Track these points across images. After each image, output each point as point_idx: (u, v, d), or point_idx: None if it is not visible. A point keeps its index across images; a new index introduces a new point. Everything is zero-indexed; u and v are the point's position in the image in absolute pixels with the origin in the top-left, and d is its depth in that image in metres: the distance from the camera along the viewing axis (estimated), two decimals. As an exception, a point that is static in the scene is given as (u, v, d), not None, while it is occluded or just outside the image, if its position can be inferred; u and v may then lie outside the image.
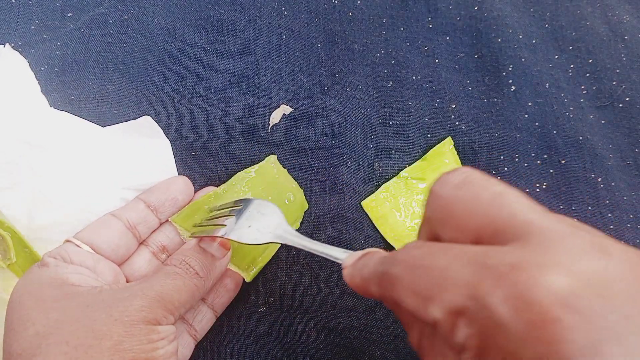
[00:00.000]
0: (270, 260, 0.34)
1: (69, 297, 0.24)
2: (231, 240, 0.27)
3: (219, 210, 0.31)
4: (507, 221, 0.16)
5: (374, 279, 0.20)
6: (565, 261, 0.14)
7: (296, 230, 0.34)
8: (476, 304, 0.15)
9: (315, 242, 0.26)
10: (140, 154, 0.34)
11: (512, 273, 0.14)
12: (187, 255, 0.27)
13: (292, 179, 0.35)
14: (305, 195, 0.35)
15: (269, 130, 0.36)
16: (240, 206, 0.29)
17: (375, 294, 0.20)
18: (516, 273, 0.14)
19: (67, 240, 0.29)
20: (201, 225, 0.30)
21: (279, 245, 0.34)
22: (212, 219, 0.30)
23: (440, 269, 0.16)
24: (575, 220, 0.16)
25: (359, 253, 0.23)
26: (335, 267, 0.34)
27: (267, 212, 0.29)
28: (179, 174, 0.35)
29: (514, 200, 0.17)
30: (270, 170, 0.35)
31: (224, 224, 0.28)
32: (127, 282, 0.29)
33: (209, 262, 0.28)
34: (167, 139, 0.35)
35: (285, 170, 0.35)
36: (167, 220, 0.32)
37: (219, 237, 0.28)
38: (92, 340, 0.22)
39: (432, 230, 0.19)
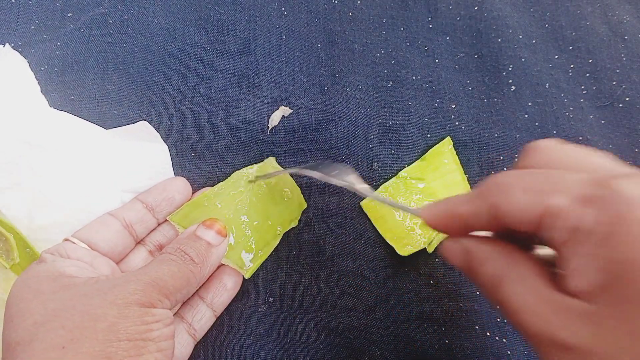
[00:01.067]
0: (270, 260, 0.34)
1: (66, 288, 0.24)
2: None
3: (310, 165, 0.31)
4: (608, 165, 0.20)
5: (469, 198, 0.21)
6: None
7: (293, 228, 0.34)
8: (608, 191, 0.17)
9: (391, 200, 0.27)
10: (139, 157, 0.34)
11: (632, 174, 0.17)
12: (182, 243, 0.28)
13: (291, 178, 0.35)
14: (304, 195, 0.35)
15: (268, 132, 0.36)
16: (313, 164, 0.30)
17: (465, 212, 0.21)
18: (636, 174, 0.17)
19: (65, 239, 0.29)
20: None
21: (278, 241, 0.34)
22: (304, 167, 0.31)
23: (560, 174, 0.18)
24: None
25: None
26: (335, 267, 0.34)
27: (345, 170, 0.30)
28: (178, 176, 0.35)
29: (609, 156, 0.20)
30: (269, 169, 0.35)
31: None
32: None
33: (205, 249, 0.28)
34: (165, 144, 0.35)
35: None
36: (165, 221, 0.32)
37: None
38: (87, 322, 0.22)
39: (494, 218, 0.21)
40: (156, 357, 0.23)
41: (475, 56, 0.40)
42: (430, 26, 0.40)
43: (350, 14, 0.40)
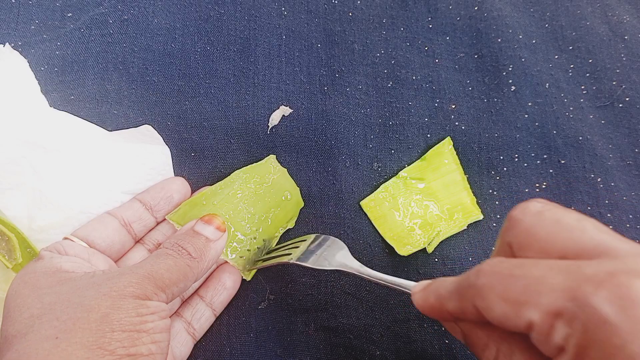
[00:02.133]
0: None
1: (63, 282, 0.25)
2: (299, 264, 0.29)
3: (285, 243, 0.33)
4: (590, 241, 0.18)
5: (453, 295, 0.21)
6: None
7: (292, 227, 0.34)
8: (578, 305, 0.16)
9: (378, 273, 0.28)
10: (140, 159, 0.34)
11: (612, 278, 0.16)
12: (180, 238, 0.27)
13: (290, 178, 0.35)
14: (303, 195, 0.35)
15: (268, 132, 0.36)
16: (305, 240, 0.32)
17: (452, 309, 0.21)
18: (616, 277, 0.16)
19: (65, 238, 0.29)
20: (265, 258, 0.32)
21: (275, 243, 0.34)
22: (277, 249, 0.32)
23: (535, 277, 0.17)
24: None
25: (427, 281, 0.24)
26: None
27: (332, 245, 0.31)
28: (177, 176, 0.35)
29: (593, 225, 0.19)
30: (269, 169, 0.35)
31: (289, 253, 0.30)
32: None
33: (203, 244, 0.28)
34: (167, 146, 0.35)
35: (285, 169, 0.35)
36: (164, 220, 0.33)
37: (286, 262, 0.30)
38: (81, 313, 0.22)
39: (512, 253, 0.20)
40: (150, 348, 0.23)
41: (475, 56, 0.40)
42: (430, 26, 0.40)
43: (350, 14, 0.40)
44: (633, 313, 0.15)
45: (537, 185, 0.37)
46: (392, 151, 0.37)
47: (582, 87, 0.40)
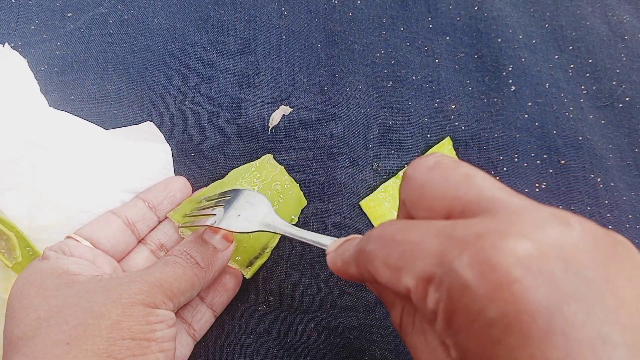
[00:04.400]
0: (270, 259, 0.34)
1: (70, 285, 0.24)
2: (221, 229, 0.28)
3: (208, 200, 0.31)
4: (475, 198, 0.17)
5: (353, 260, 0.21)
6: (528, 229, 0.15)
7: (295, 224, 0.34)
8: (443, 270, 0.15)
9: (302, 230, 0.27)
10: (141, 157, 0.34)
11: (477, 240, 0.15)
12: (189, 247, 0.28)
13: (289, 175, 0.35)
14: (303, 195, 0.35)
15: (269, 132, 0.36)
16: (229, 196, 0.30)
17: (354, 274, 0.21)
18: (481, 240, 0.15)
19: (68, 237, 0.29)
20: (191, 215, 0.31)
21: (277, 240, 0.34)
22: (202, 209, 0.30)
23: (412, 241, 0.17)
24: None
25: (342, 239, 0.24)
26: (334, 267, 0.34)
27: (255, 202, 0.29)
28: (178, 175, 0.35)
29: (482, 180, 0.18)
30: (267, 167, 0.35)
31: (214, 213, 0.29)
32: None
33: (211, 254, 0.28)
34: (168, 144, 0.35)
35: (283, 167, 0.35)
36: (166, 218, 0.33)
37: (208, 226, 0.28)
38: (91, 319, 0.22)
39: (407, 212, 0.20)
40: (158, 357, 0.23)
41: (475, 56, 0.40)
42: (430, 26, 0.40)
43: (350, 14, 0.40)
44: (491, 278, 0.14)
45: (537, 185, 0.37)
46: (392, 151, 0.37)
47: (582, 87, 0.40)
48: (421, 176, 0.19)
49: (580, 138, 0.38)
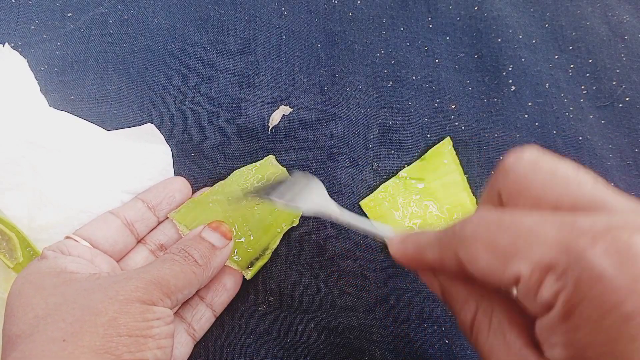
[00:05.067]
0: (271, 259, 0.34)
1: (68, 283, 0.25)
2: (278, 203, 0.28)
3: (265, 182, 0.32)
4: (588, 195, 0.17)
5: (434, 244, 0.20)
6: None
7: (293, 227, 0.34)
8: (572, 258, 0.15)
9: (359, 217, 0.27)
10: (141, 158, 0.34)
11: (611, 232, 0.14)
12: (187, 245, 0.28)
13: (289, 175, 0.35)
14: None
15: (269, 132, 0.36)
16: (284, 180, 0.30)
17: (432, 259, 0.20)
18: (615, 232, 0.14)
19: (67, 237, 0.29)
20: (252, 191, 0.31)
21: (278, 242, 0.34)
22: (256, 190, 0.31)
23: (526, 227, 0.16)
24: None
25: (407, 232, 0.23)
26: (335, 267, 0.34)
27: (312, 185, 0.30)
28: (177, 176, 0.35)
29: (592, 179, 0.18)
30: (269, 167, 0.35)
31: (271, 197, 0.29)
32: None
33: (209, 251, 0.28)
34: (168, 146, 0.35)
35: (284, 168, 0.35)
36: (166, 219, 0.33)
37: (279, 201, 0.28)
38: (88, 316, 0.22)
39: (501, 203, 0.19)
40: (156, 354, 0.23)
41: (475, 56, 0.40)
42: (430, 26, 0.40)
43: (350, 14, 0.40)
44: (632, 269, 0.14)
45: (537, 185, 0.37)
46: (392, 151, 0.37)
47: (582, 87, 0.40)
48: (525, 168, 0.19)
49: (580, 138, 0.38)
